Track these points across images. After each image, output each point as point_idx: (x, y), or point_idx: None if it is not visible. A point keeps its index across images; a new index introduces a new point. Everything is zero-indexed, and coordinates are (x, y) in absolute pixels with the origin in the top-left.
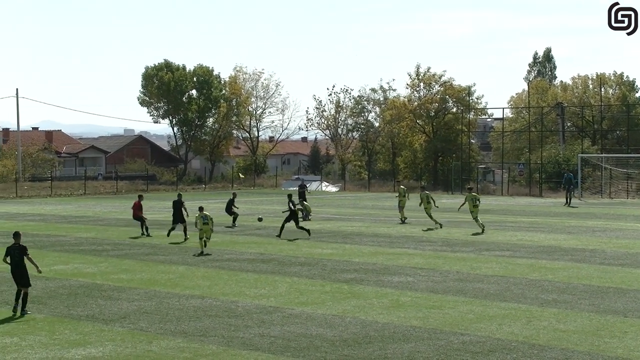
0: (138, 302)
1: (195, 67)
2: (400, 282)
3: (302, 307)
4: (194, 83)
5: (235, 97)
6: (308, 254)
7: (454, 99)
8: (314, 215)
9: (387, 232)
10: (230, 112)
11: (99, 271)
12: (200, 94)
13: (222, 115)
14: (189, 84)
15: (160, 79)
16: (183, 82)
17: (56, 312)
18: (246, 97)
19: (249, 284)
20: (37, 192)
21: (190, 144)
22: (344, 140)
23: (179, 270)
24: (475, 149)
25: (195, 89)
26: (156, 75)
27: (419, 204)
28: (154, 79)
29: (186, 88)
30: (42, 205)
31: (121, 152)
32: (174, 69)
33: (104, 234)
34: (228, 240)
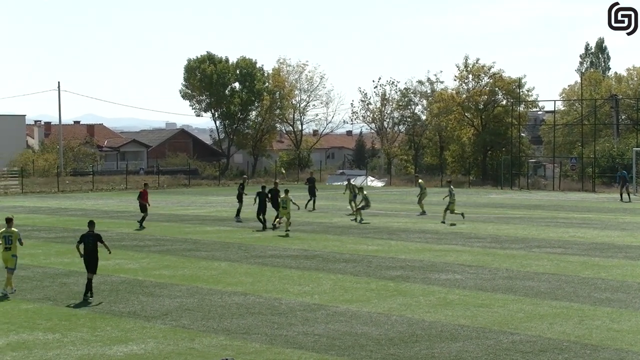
0: (180, 299)
1: (238, 59)
2: (448, 279)
3: (346, 304)
4: (236, 75)
5: (279, 90)
6: (353, 251)
7: (504, 91)
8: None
9: (435, 228)
10: (273, 105)
11: (141, 267)
12: (243, 87)
13: (265, 109)
14: (231, 77)
15: (203, 71)
16: (226, 75)
17: (98, 309)
18: (290, 90)
19: (293, 281)
20: (79, 186)
21: (232, 138)
22: (390, 133)
23: (221, 266)
24: (525, 142)
25: (238, 81)
26: (198, 68)
27: (442, 198)
28: (196, 72)
29: (229, 81)
30: (83, 200)
31: (163, 146)
32: (217, 61)
33: (145, 230)
34: (271, 236)
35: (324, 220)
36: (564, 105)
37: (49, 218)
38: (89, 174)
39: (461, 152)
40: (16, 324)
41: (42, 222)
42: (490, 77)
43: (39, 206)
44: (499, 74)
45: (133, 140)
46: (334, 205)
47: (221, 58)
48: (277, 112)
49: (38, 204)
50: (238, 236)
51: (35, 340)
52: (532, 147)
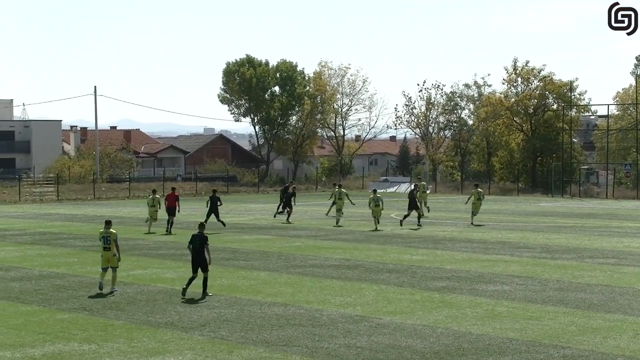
0: (218, 310)
1: (278, 62)
2: (496, 290)
3: (390, 316)
4: (276, 79)
5: (320, 94)
6: (397, 260)
7: (555, 95)
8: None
9: (482, 237)
10: (314, 110)
11: (178, 277)
12: (283, 91)
13: (306, 113)
14: (271, 80)
15: (242, 75)
16: (265, 79)
17: (134, 319)
18: (331, 94)
19: (334, 292)
20: (115, 193)
21: (272, 144)
22: (435, 139)
23: (260, 276)
24: (577, 148)
25: (278, 85)
26: (237, 72)
27: (466, 202)
28: (235, 75)
29: (268, 84)
30: (120, 207)
31: (201, 152)
32: (256, 64)
33: (183, 238)
34: (312, 245)
35: (367, 228)
36: (618, 110)
37: (85, 226)
38: (126, 181)
39: (509, 159)
40: (52, 334)
41: (78, 230)
42: (540, 80)
43: (74, 214)
44: (550, 76)
45: (170, 146)
46: None
47: (261, 61)
48: (318, 116)
49: (74, 211)
50: (277, 245)
51: (71, 351)
52: (584, 153)
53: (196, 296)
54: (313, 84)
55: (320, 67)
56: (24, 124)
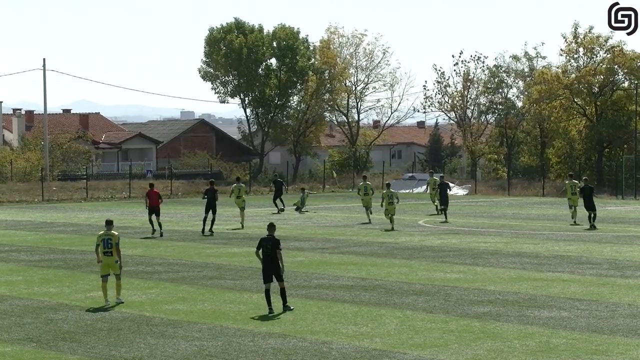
0: (199, 342)
1: (275, 28)
2: (552, 318)
3: (417, 350)
4: (273, 49)
5: (329, 68)
6: (426, 280)
7: (626, 70)
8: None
9: (534, 250)
10: (321, 88)
11: (148, 300)
12: (282, 64)
13: (311, 93)
14: (266, 51)
15: (229, 44)
16: (259, 49)
17: (93, 353)
18: (343, 68)
19: (346, 319)
20: (69, 194)
21: (268, 131)
22: (475, 125)
23: (252, 299)
24: None
25: (275, 57)
26: (224, 40)
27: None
28: (221, 45)
29: (263, 56)
30: (75, 212)
31: (177, 141)
32: (247, 30)
33: (154, 251)
34: (318, 260)
35: (388, 239)
36: None
37: (31, 235)
38: (82, 179)
39: (569, 150)
40: None
41: (23, 240)
42: (607, 51)
43: (18, 220)
44: (620, 46)
45: (138, 135)
46: (400, 220)
47: (253, 27)
48: (326, 97)
49: (17, 217)
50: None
51: None
52: None
53: (173, 325)
54: (319, 56)
55: (329, 34)
56: None
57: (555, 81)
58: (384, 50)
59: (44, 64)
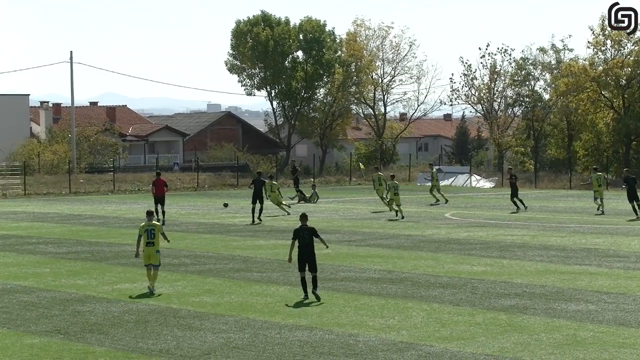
0: (226, 334)
1: (302, 20)
2: (579, 311)
3: (444, 343)
4: (299, 42)
5: (355, 61)
6: (453, 272)
7: None
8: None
9: (561, 242)
10: (347, 81)
11: (175, 292)
12: (308, 57)
13: (337, 85)
14: (293, 44)
15: (256, 36)
16: (285, 41)
17: (120, 345)
18: (369, 61)
19: (373, 312)
20: (96, 187)
21: (294, 124)
22: (502, 118)
23: (279, 291)
24: None
25: (301, 49)
26: (250, 33)
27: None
28: (248, 38)
29: (289, 49)
30: (102, 204)
31: (203, 134)
32: (274, 23)
33: (181, 243)
34: (345, 253)
35: (414, 232)
36: None
37: (59, 227)
38: (109, 171)
39: (596, 143)
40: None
41: (50, 232)
42: (635, 43)
43: (45, 212)
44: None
45: (165, 127)
46: (427, 213)
47: (280, 19)
48: (353, 89)
49: (45, 209)
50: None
51: None
52: None
53: (199, 317)
54: (346, 48)
55: (356, 26)
56: None
57: (583, 74)
58: (411, 42)
59: (71, 57)
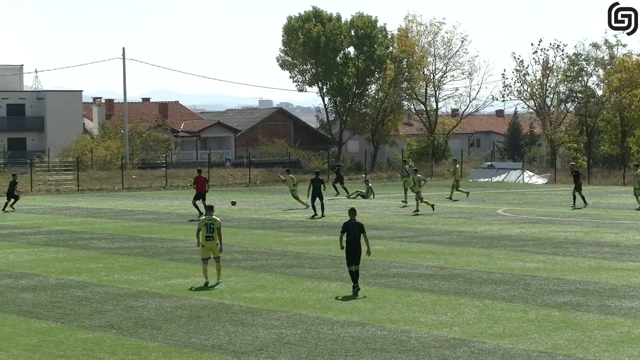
0: (278, 330)
1: (353, 16)
2: (633, 308)
3: (496, 339)
4: (351, 38)
5: (407, 57)
6: (505, 269)
7: None
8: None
9: (615, 239)
10: (399, 77)
11: (228, 288)
12: (360, 53)
13: (389, 81)
14: (344, 40)
15: (307, 32)
16: (337, 37)
17: (173, 340)
18: (421, 57)
19: (425, 308)
20: (149, 182)
21: (346, 120)
22: (555, 114)
23: (331, 287)
24: None
25: (352, 45)
26: (302, 29)
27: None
28: (299, 33)
29: (341, 45)
30: (154, 200)
31: (255, 130)
32: (325, 19)
33: (233, 239)
34: (397, 249)
35: (467, 228)
36: None
37: (112, 223)
38: (162, 167)
39: None
40: (72, 357)
41: (103, 228)
42: None
43: (98, 208)
44: None
45: (217, 123)
46: (479, 209)
47: (331, 15)
48: (404, 85)
49: (98, 204)
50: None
51: None
52: None
53: (252, 313)
54: (397, 44)
55: (407, 22)
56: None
57: (636, 69)
58: (463, 38)
59: (124, 53)
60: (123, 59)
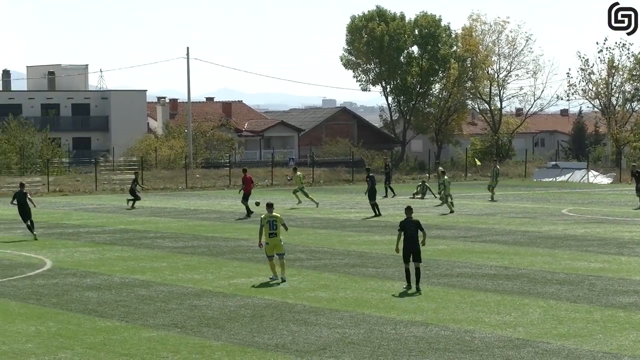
0: (342, 329)
1: (417, 15)
2: None
3: (561, 340)
4: (415, 37)
5: (471, 56)
6: (570, 269)
7: None
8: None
9: None
10: (463, 76)
11: (291, 287)
12: (424, 52)
13: (453, 80)
14: (408, 39)
15: (371, 32)
16: (401, 36)
17: (237, 339)
18: (485, 56)
19: (489, 308)
20: (212, 182)
21: (409, 119)
22: (620, 113)
23: (395, 287)
24: None
25: (416, 45)
26: (365, 28)
27: None
28: (363, 33)
29: (405, 44)
30: (218, 199)
31: (319, 129)
32: (389, 18)
33: (296, 239)
34: (460, 248)
35: (531, 228)
36: None
37: (175, 222)
38: (225, 166)
39: None
40: (136, 356)
41: (167, 227)
42: None
43: (162, 207)
44: None
45: (281, 122)
46: (544, 209)
47: (395, 14)
48: (468, 84)
49: (161, 204)
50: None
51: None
52: None
53: (315, 312)
54: (461, 43)
55: (471, 21)
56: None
57: None
58: (527, 37)
59: (188, 53)
60: (187, 58)
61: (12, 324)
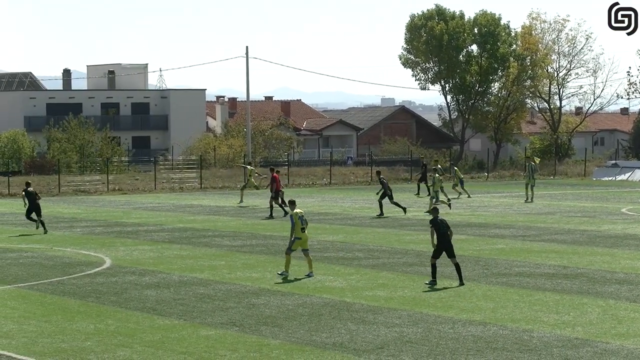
0: (399, 328)
1: (477, 14)
2: None
3: (620, 340)
4: (474, 36)
5: (530, 54)
6: (629, 268)
7: None
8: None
9: None
10: (522, 75)
11: (349, 286)
12: (483, 51)
13: (512, 79)
14: (467, 37)
15: (430, 30)
16: (460, 35)
17: (295, 338)
18: (545, 55)
19: (548, 308)
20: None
21: (468, 118)
22: None
23: (452, 286)
24: None
25: (476, 43)
26: (424, 27)
27: None
28: (422, 32)
29: (464, 43)
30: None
31: (377, 128)
32: (448, 17)
33: (355, 237)
34: (519, 248)
35: (590, 227)
36: None
37: (234, 221)
38: (284, 165)
39: None
40: (195, 354)
41: (225, 226)
42: None
43: (221, 206)
44: None
45: (339, 121)
46: (603, 208)
47: (454, 13)
48: (528, 83)
49: (220, 202)
50: (474, 247)
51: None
52: None
53: (373, 311)
54: (521, 42)
55: (531, 19)
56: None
57: None
58: (587, 35)
59: (247, 52)
60: (246, 57)
61: (72, 322)
